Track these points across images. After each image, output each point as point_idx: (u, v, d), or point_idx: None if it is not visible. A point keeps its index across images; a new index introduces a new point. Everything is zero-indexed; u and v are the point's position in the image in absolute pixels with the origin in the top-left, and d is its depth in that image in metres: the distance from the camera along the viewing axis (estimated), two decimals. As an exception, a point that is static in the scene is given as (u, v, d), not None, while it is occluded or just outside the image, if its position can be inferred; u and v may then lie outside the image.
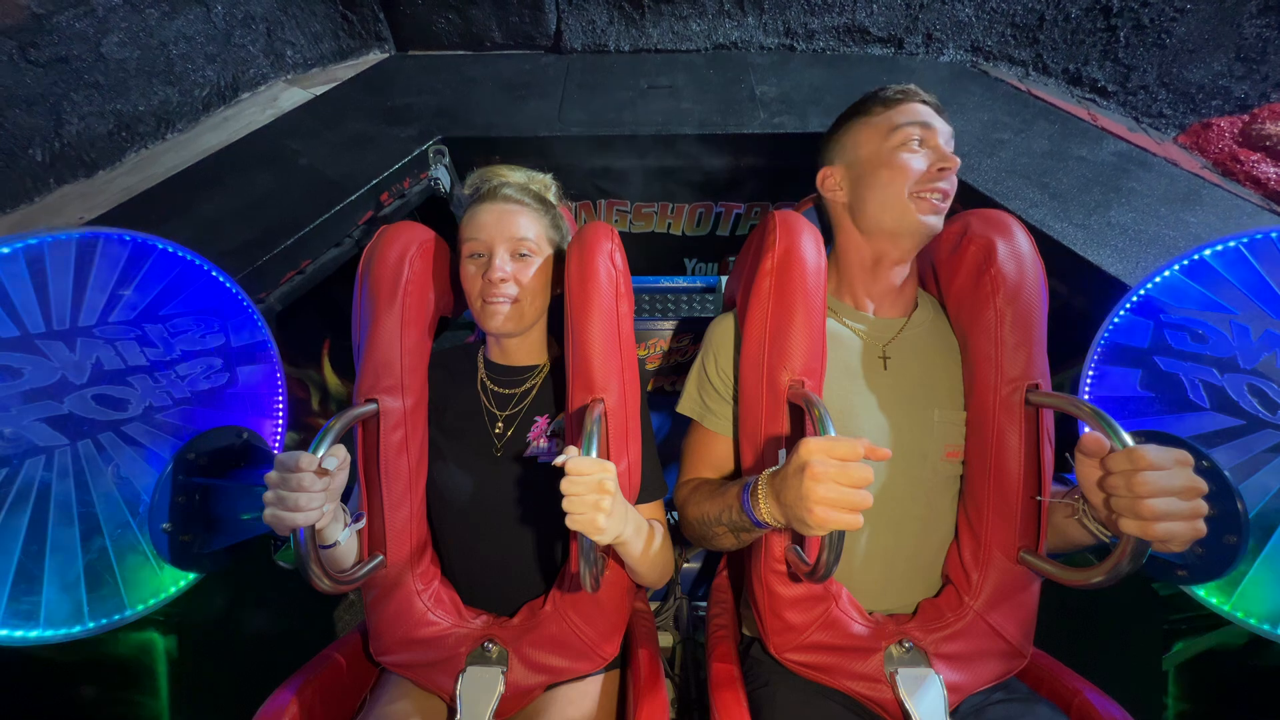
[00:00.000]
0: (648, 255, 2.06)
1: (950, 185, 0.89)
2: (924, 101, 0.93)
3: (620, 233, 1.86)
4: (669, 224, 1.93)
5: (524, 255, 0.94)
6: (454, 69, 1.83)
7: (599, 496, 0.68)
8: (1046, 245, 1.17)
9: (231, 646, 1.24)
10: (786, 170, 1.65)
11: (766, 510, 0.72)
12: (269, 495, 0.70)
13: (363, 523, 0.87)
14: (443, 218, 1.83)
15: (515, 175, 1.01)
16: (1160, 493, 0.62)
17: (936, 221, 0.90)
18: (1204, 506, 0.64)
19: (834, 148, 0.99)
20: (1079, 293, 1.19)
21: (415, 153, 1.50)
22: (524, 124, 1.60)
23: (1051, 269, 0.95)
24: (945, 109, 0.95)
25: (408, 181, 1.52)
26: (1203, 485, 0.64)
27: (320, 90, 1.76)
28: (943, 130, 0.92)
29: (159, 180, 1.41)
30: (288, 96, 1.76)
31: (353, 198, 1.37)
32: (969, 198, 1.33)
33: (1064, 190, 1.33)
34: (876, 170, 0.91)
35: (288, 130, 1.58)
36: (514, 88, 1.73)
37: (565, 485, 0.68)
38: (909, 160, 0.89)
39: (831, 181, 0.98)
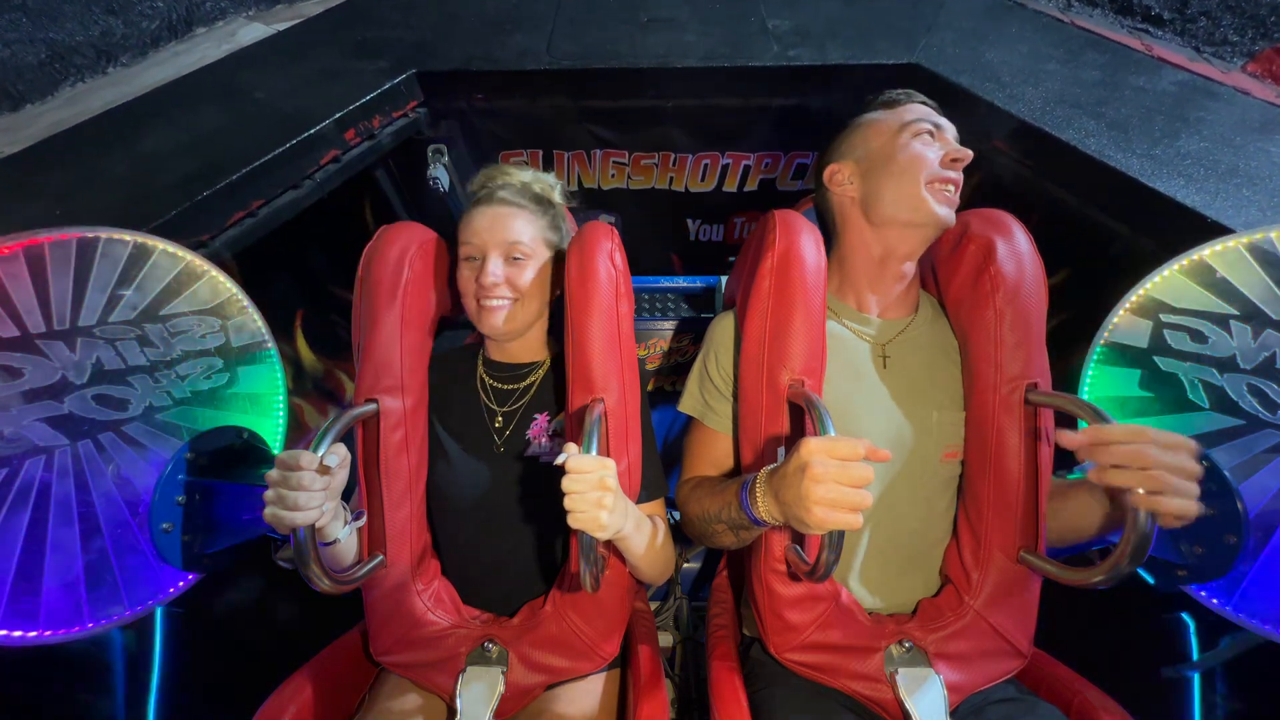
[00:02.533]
0: (648, 215, 1.91)
1: (960, 178, 0.90)
2: (924, 102, 0.96)
3: (618, 191, 1.79)
4: (671, 178, 1.79)
5: (517, 259, 0.94)
6: (434, 3, 1.68)
7: (601, 494, 0.68)
8: (1104, 179, 1.09)
9: (231, 646, 1.24)
10: (801, 113, 1.52)
11: (765, 509, 0.72)
12: (269, 494, 0.70)
13: (363, 520, 0.87)
14: (436, 206, 1.79)
15: (518, 176, 1.01)
16: (1167, 466, 0.64)
17: (949, 214, 0.89)
18: (1197, 468, 0.66)
19: (840, 145, 1.00)
20: (1144, 232, 1.07)
21: (386, 86, 1.37)
22: (509, 58, 1.45)
23: (1110, 209, 0.91)
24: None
25: (377, 120, 1.38)
26: (1196, 466, 0.66)
27: (285, 26, 1.60)
28: (949, 128, 0.93)
29: (94, 115, 1.28)
30: (248, 32, 1.61)
31: (312, 131, 1.24)
32: (1014, 128, 1.25)
33: (1123, 120, 1.20)
34: (890, 161, 0.91)
35: (245, 64, 1.44)
36: (499, 21, 1.59)
37: (567, 484, 0.68)
38: (923, 151, 0.89)
39: (840, 176, 0.97)
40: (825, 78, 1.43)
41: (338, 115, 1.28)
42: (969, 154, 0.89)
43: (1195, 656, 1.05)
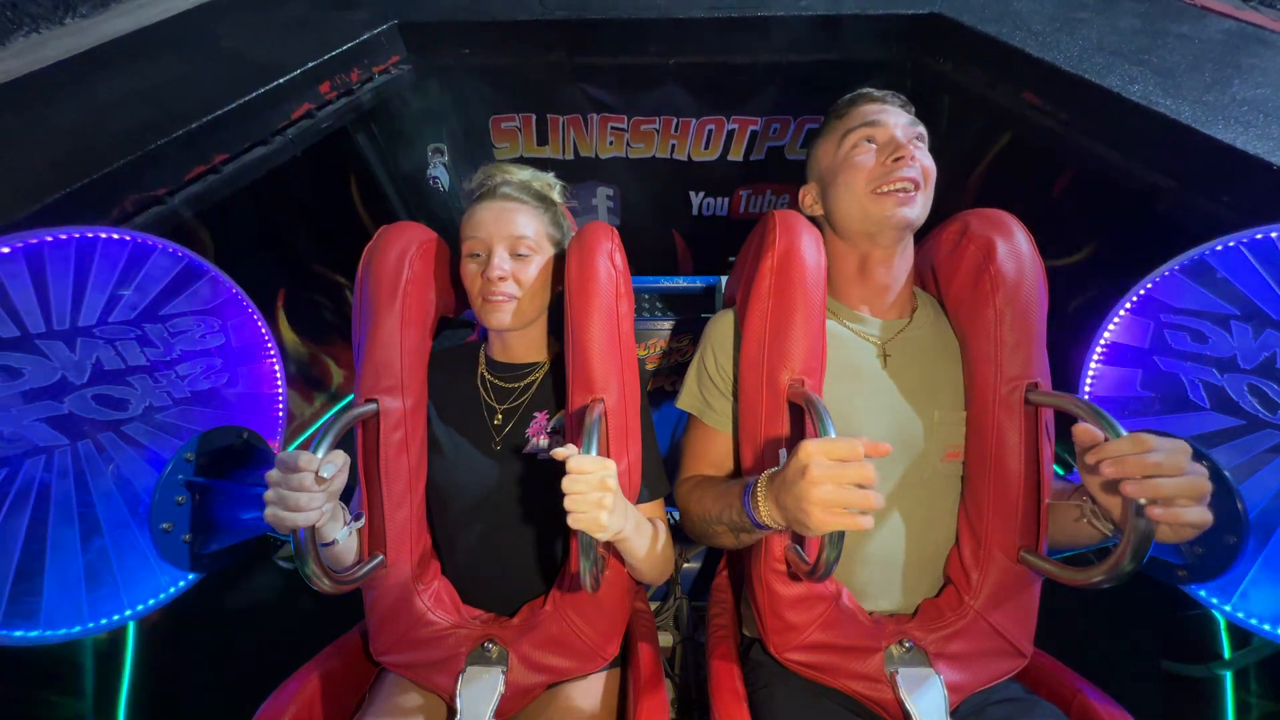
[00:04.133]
0: (648, 187, 1.80)
1: (914, 172, 0.88)
2: (875, 100, 0.95)
3: (616, 160, 1.73)
4: (672, 145, 1.68)
5: (523, 254, 0.94)
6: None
7: (601, 494, 0.68)
8: (1152, 129, 1.03)
9: (231, 646, 1.24)
10: (813, 71, 1.43)
11: (766, 512, 0.72)
12: (269, 495, 0.70)
13: (362, 521, 0.87)
14: (436, 208, 1.77)
15: (518, 174, 1.01)
16: (1171, 471, 0.62)
17: (907, 212, 0.88)
18: (1207, 485, 0.64)
19: (808, 166, 1.03)
20: (1198, 185, 1.00)
21: (365, 37, 1.28)
22: (498, 7, 1.36)
23: (1156, 161, 0.86)
24: (906, 101, 0.96)
25: (356, 74, 1.30)
26: (1205, 477, 0.64)
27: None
28: (895, 122, 0.91)
29: (46, 65, 1.20)
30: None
31: (281, 81, 1.15)
32: (1050, 77, 1.19)
33: (1169, 67, 1.14)
34: (835, 178, 0.93)
35: (212, 14, 1.36)
36: (490, -30, 1.47)
37: (567, 484, 0.68)
38: (861, 161, 0.90)
39: (809, 198, 1.01)
40: (839, 29, 1.35)
41: (310, 65, 1.19)
42: (905, 149, 0.88)
43: (1198, 656, 1.04)
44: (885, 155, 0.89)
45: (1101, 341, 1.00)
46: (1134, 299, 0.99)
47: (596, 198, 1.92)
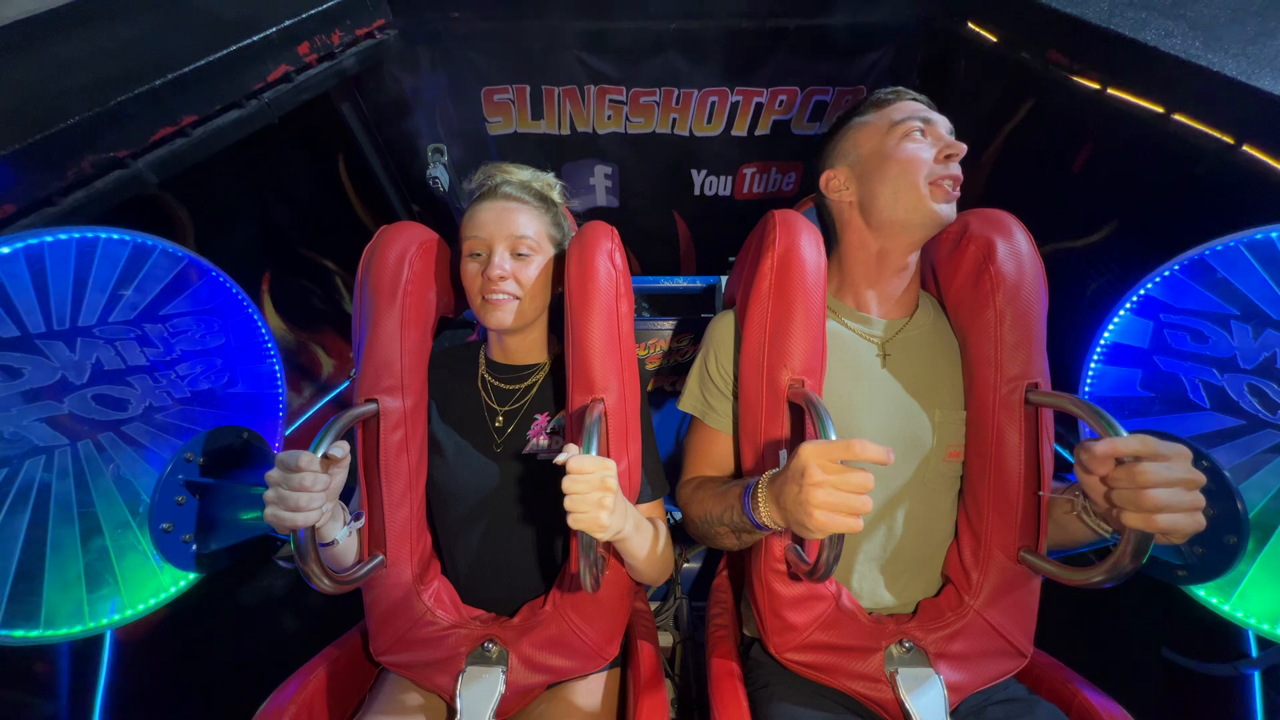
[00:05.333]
0: (648, 165, 1.71)
1: (959, 172, 0.89)
2: (915, 99, 0.95)
3: (615, 136, 1.66)
4: (673, 119, 1.60)
5: (523, 254, 0.94)
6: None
7: (602, 494, 0.69)
8: (1188, 79, 0.98)
9: (232, 646, 1.24)
10: (821, 37, 1.36)
11: (766, 514, 0.72)
12: (269, 494, 0.70)
13: (361, 521, 0.87)
14: (430, 200, 1.70)
15: (518, 174, 1.01)
16: (1162, 483, 0.63)
17: (950, 210, 0.89)
18: (1202, 499, 0.64)
19: (832, 152, 1.00)
20: (1250, 134, 0.95)
21: None
22: None
23: (1199, 111, 0.81)
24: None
25: (338, 35, 1.22)
26: (1201, 478, 0.64)
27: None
28: (941, 122, 0.92)
29: (6, 24, 1.12)
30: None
31: (255, 39, 1.08)
32: (1078, 34, 1.13)
33: (1206, 20, 1.08)
34: (884, 164, 0.90)
35: None
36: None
37: (567, 484, 0.68)
38: (916, 150, 0.89)
39: (836, 183, 0.97)
40: None
41: (286, 24, 1.12)
42: (963, 147, 0.88)
43: (1208, 655, 1.04)
44: (940, 151, 0.88)
45: (1101, 341, 1.00)
46: (1134, 299, 0.99)
47: (594, 176, 1.83)
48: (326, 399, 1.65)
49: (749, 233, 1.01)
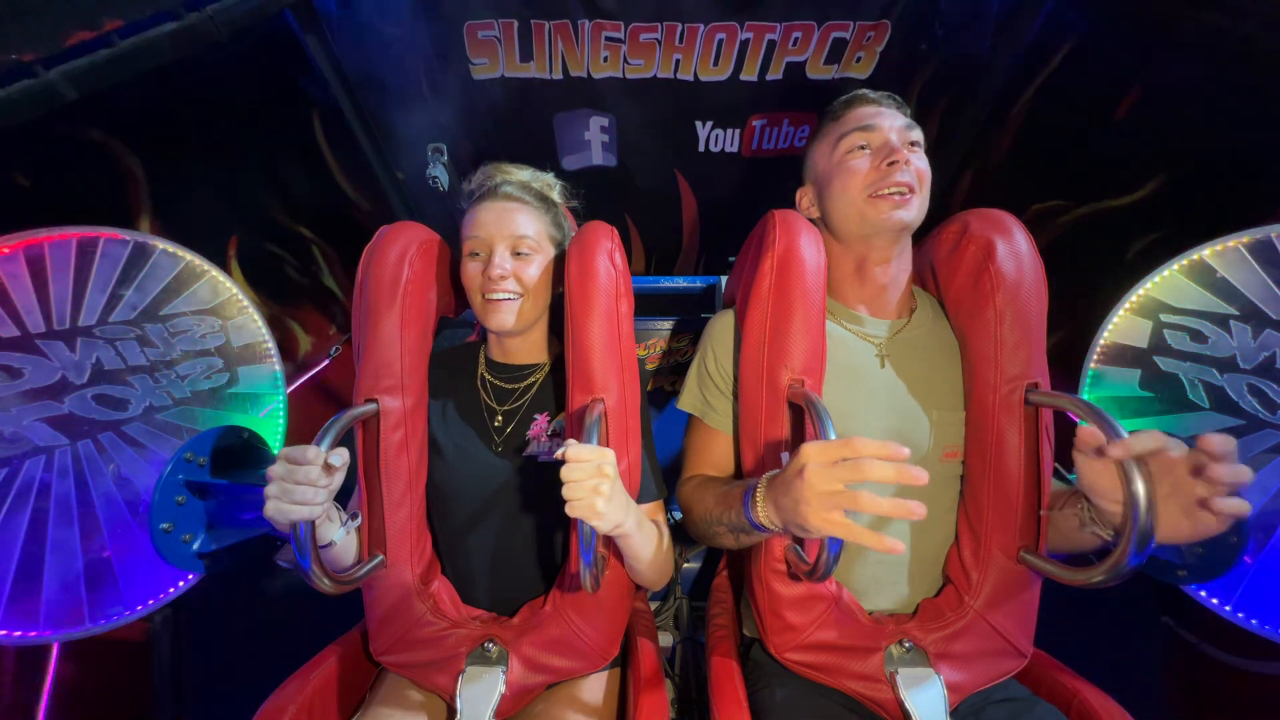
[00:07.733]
0: (648, 116, 1.56)
1: (908, 177, 0.87)
2: (870, 102, 0.94)
3: (612, 81, 1.50)
4: (676, 61, 1.45)
5: (523, 254, 0.94)
6: None
7: (598, 481, 0.69)
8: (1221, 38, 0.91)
9: (232, 646, 1.24)
10: None
11: (765, 515, 0.72)
12: (272, 488, 0.70)
13: (358, 521, 0.87)
14: (429, 197, 1.59)
15: (518, 174, 1.01)
16: (1237, 477, 0.62)
17: (903, 215, 0.88)
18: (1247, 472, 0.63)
19: (804, 168, 1.02)
20: None
21: None
22: None
23: (1234, 53, 0.75)
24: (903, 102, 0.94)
25: None
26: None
27: None
28: (890, 125, 0.91)
29: None
30: None
31: None
32: None
33: None
34: (830, 182, 0.93)
35: None
36: None
37: (565, 473, 0.69)
38: (856, 165, 0.90)
39: (805, 201, 1.01)
40: None
41: None
42: (900, 153, 0.87)
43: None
44: (880, 159, 0.88)
45: (1101, 341, 1.00)
46: (1134, 299, 0.99)
47: (590, 130, 1.64)
48: (304, 379, 1.52)
49: (755, 202, 0.97)
